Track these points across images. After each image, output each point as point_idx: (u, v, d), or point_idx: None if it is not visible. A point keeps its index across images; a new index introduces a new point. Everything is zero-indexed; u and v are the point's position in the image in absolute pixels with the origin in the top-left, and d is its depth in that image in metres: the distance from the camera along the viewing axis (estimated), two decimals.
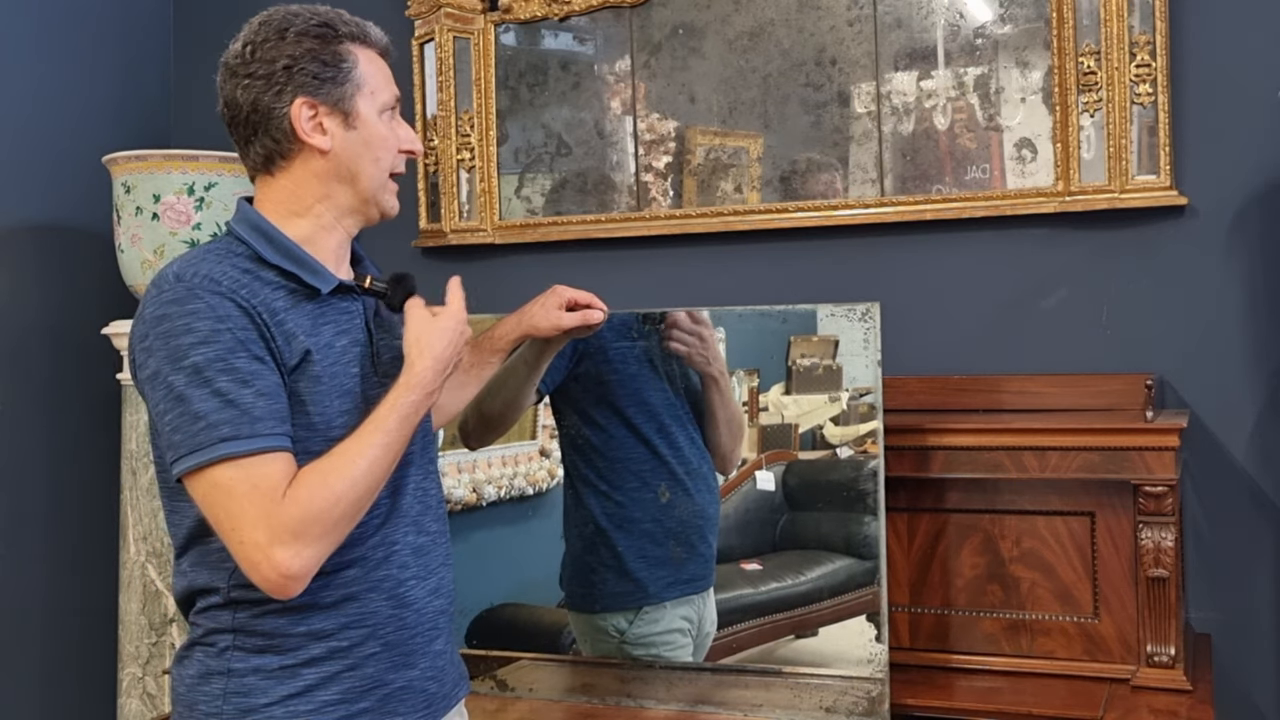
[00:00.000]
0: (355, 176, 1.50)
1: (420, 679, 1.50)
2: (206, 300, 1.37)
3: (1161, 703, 1.97)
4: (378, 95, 1.51)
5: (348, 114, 1.48)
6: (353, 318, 1.52)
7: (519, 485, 2.26)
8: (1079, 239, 2.41)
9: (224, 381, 1.34)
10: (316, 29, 1.48)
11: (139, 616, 2.71)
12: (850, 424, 2.06)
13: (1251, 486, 2.31)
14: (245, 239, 1.47)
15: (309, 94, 1.46)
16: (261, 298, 1.41)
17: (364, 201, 1.52)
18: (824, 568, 2.08)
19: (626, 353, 2.11)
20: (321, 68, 1.47)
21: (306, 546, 1.33)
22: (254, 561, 1.33)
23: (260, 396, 1.35)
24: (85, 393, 2.99)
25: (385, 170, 1.52)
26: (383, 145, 1.51)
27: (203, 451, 1.33)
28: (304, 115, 1.47)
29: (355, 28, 1.51)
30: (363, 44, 1.51)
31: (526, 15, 2.86)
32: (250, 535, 1.32)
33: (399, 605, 1.48)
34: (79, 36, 3.05)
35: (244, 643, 1.42)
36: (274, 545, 1.32)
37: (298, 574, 1.34)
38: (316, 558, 1.35)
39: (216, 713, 1.42)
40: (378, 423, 1.41)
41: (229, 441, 1.33)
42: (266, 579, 1.33)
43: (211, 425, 1.33)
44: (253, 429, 1.34)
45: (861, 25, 2.57)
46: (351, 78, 1.48)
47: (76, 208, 2.98)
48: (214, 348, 1.35)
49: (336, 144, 1.48)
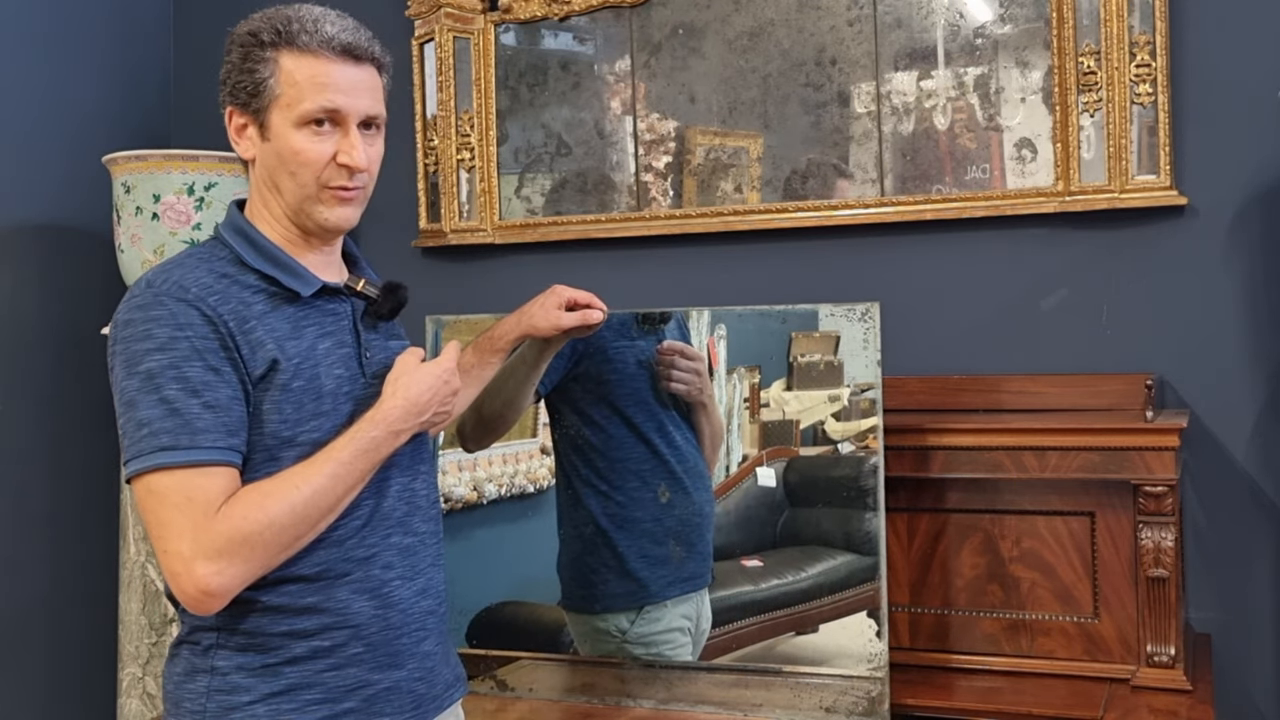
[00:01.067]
0: (278, 187, 1.49)
1: (408, 680, 1.50)
2: (170, 307, 1.38)
3: (1161, 703, 1.97)
4: (296, 106, 1.44)
5: (262, 125, 1.48)
6: (339, 319, 1.52)
7: (520, 483, 2.26)
8: (1079, 239, 2.41)
9: (173, 390, 1.35)
10: (244, 38, 1.48)
11: (139, 616, 2.71)
12: (852, 419, 2.06)
13: (1251, 486, 2.31)
14: (229, 242, 1.49)
15: (232, 103, 1.49)
16: (233, 304, 1.41)
17: (294, 211, 1.49)
18: (824, 564, 2.08)
19: (625, 352, 2.11)
20: (240, 77, 1.47)
21: (230, 565, 1.33)
22: (174, 572, 1.34)
23: (208, 409, 1.35)
24: (85, 393, 2.99)
25: (306, 184, 1.47)
26: (296, 159, 1.45)
27: (142, 458, 1.34)
28: (232, 124, 1.50)
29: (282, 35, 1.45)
30: (294, 49, 1.45)
31: (526, 15, 2.86)
32: (175, 546, 1.33)
33: (383, 605, 1.47)
34: (79, 37, 3.05)
35: (227, 641, 1.43)
36: (196, 559, 1.32)
37: (216, 591, 1.34)
38: (240, 578, 1.35)
39: (200, 710, 1.42)
40: (331, 452, 1.41)
41: (167, 451, 1.34)
42: (184, 592, 1.34)
43: (153, 433, 1.34)
44: (193, 440, 1.34)
45: (861, 25, 2.57)
46: (265, 89, 1.45)
47: (76, 208, 2.98)
48: (169, 355, 1.36)
49: (258, 154, 1.50)
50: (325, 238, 1.53)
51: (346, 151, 1.46)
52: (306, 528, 1.38)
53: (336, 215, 1.49)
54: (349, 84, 1.46)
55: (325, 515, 1.40)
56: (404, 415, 1.46)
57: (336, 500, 1.40)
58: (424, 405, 1.48)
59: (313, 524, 1.39)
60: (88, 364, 2.97)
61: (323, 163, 1.46)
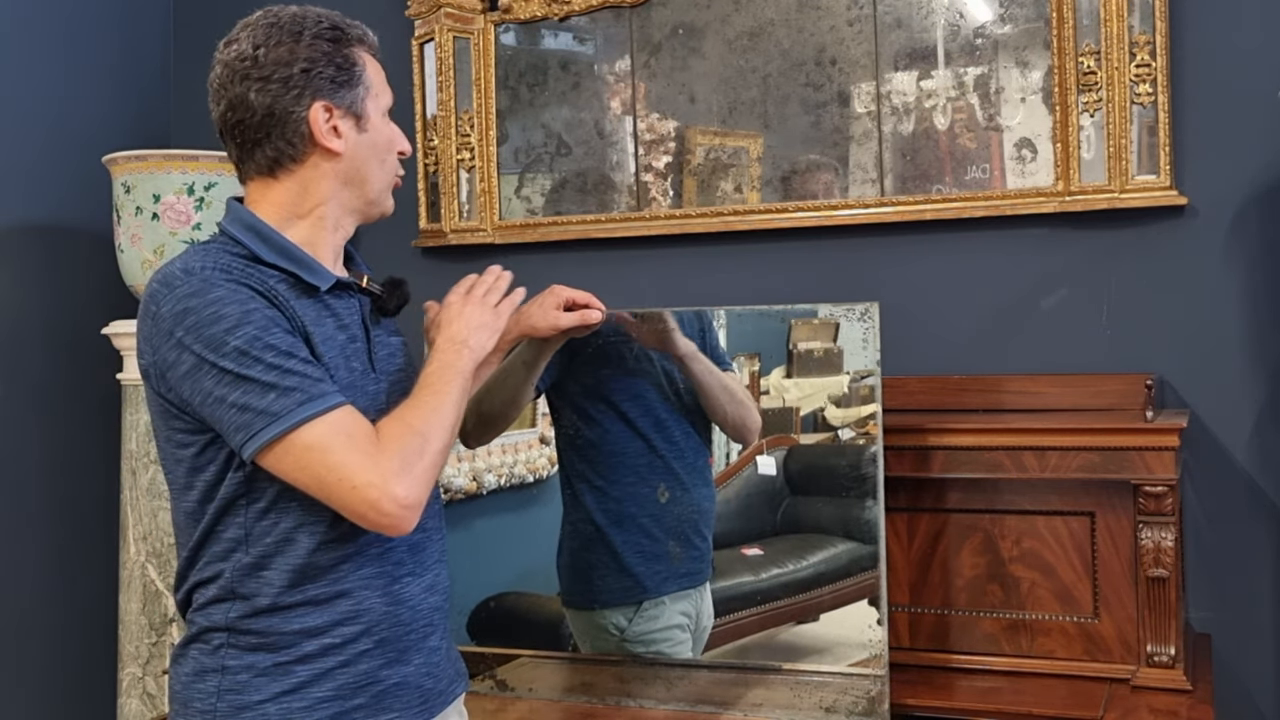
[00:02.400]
0: (364, 179, 1.53)
1: (415, 675, 1.50)
2: (225, 286, 1.39)
3: (1161, 703, 1.97)
4: (381, 98, 1.54)
5: (359, 117, 1.50)
6: (351, 314, 1.53)
7: (519, 473, 2.26)
8: (1079, 239, 2.41)
9: (272, 357, 1.36)
10: (329, 31, 1.49)
11: (139, 616, 2.71)
12: (851, 405, 2.05)
13: (1251, 486, 2.31)
14: (240, 239, 1.47)
15: (326, 97, 1.47)
16: (268, 286, 1.42)
17: (369, 203, 1.55)
18: (825, 553, 2.08)
19: (622, 348, 2.11)
20: (337, 71, 1.48)
21: (415, 479, 1.38)
22: (372, 501, 1.36)
23: (307, 364, 1.39)
24: (85, 393, 2.99)
25: (391, 172, 1.57)
26: (388, 147, 1.55)
27: (284, 418, 1.35)
28: (321, 119, 1.47)
29: (360, 31, 1.53)
30: (365, 47, 1.54)
31: (526, 15, 2.86)
32: (364, 478, 1.35)
33: (393, 602, 1.48)
34: (79, 36, 3.05)
35: (238, 640, 1.43)
36: (388, 482, 1.36)
37: (415, 503, 1.38)
38: (427, 484, 1.41)
39: (211, 710, 1.42)
40: (425, 383, 1.48)
41: (306, 404, 1.36)
42: (388, 514, 1.37)
43: (283, 393, 1.35)
44: (320, 389, 1.38)
45: (861, 25, 2.57)
46: (363, 81, 1.51)
47: (76, 208, 2.98)
48: (251, 327, 1.37)
49: (350, 147, 1.50)
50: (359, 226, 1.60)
51: (405, 143, 1.58)
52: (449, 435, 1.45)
53: (393, 202, 1.61)
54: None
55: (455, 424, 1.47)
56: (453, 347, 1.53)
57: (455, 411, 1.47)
58: (459, 334, 1.54)
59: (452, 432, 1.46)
60: (87, 364, 2.97)
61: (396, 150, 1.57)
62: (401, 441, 1.39)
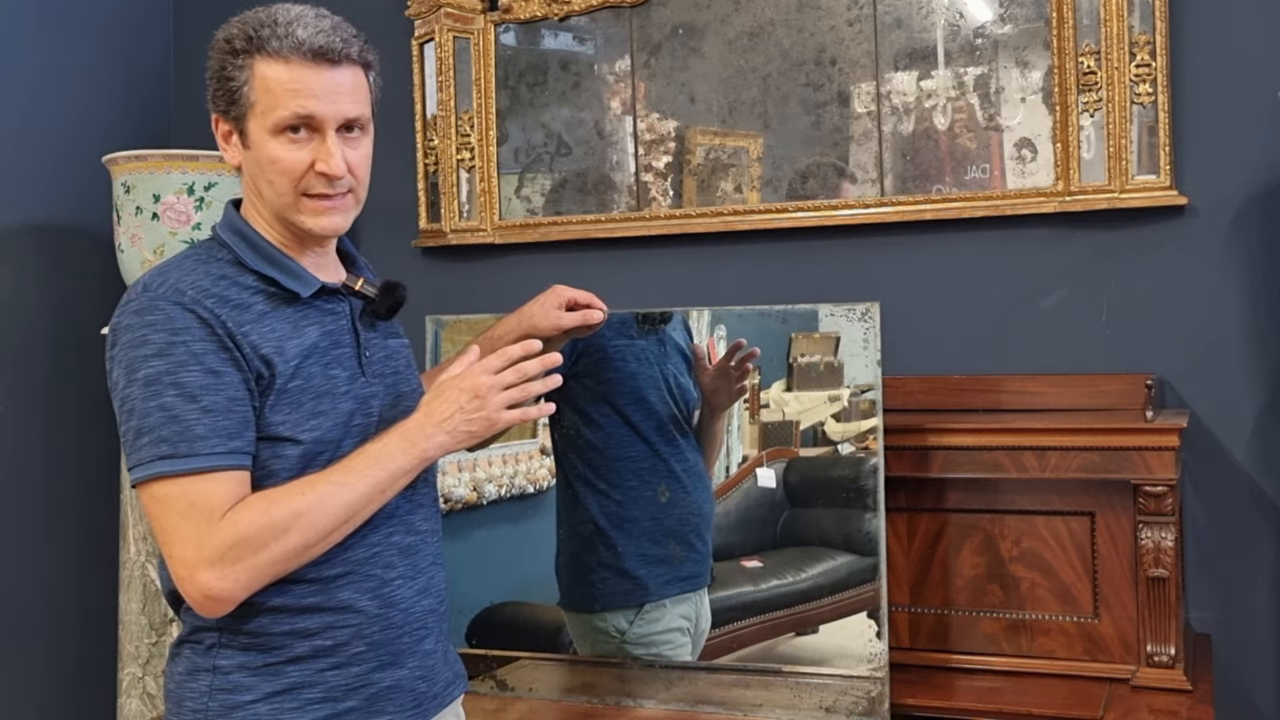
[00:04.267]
0: (261, 194, 1.49)
1: (409, 678, 1.50)
2: (166, 311, 1.38)
3: (1161, 703, 1.97)
4: (270, 114, 1.43)
5: (243, 133, 1.47)
6: (338, 319, 1.52)
7: (519, 484, 2.26)
8: (1079, 239, 2.41)
9: (170, 396, 1.35)
10: (220, 44, 1.47)
11: (139, 616, 2.71)
12: (852, 420, 2.06)
13: (1251, 486, 2.31)
14: (228, 243, 1.49)
15: (215, 110, 1.49)
16: (231, 306, 1.41)
17: (277, 217, 1.49)
18: (824, 565, 2.08)
19: (625, 351, 2.11)
20: (219, 85, 1.47)
21: (231, 569, 1.33)
22: (180, 578, 1.35)
23: (206, 413, 1.35)
24: (85, 393, 2.99)
25: (284, 193, 1.45)
26: (273, 168, 1.44)
27: (144, 466, 1.35)
28: (219, 130, 1.50)
29: (253, 41, 1.43)
30: (266, 55, 1.43)
31: (526, 15, 2.86)
32: (179, 553, 1.34)
33: (385, 605, 1.47)
34: (79, 36, 3.05)
35: (230, 640, 1.43)
36: (199, 566, 1.33)
37: (219, 596, 1.34)
38: (243, 582, 1.35)
39: (203, 709, 1.42)
40: (345, 461, 1.41)
41: (167, 460, 1.34)
42: (191, 597, 1.36)
43: (153, 441, 1.35)
44: (192, 447, 1.34)
45: (861, 25, 2.57)
46: (240, 97, 1.44)
47: (76, 208, 2.98)
48: (166, 360, 1.36)
49: (242, 161, 1.50)
50: (319, 240, 1.52)
51: (323, 159, 1.44)
52: (315, 535, 1.37)
53: (319, 223, 1.48)
54: (324, 89, 1.43)
55: (336, 523, 1.39)
56: (419, 426, 1.45)
57: (347, 507, 1.39)
58: (443, 415, 1.45)
59: (322, 532, 1.38)
60: (88, 364, 2.97)
61: (299, 171, 1.44)
62: (243, 530, 1.33)
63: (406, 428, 1.45)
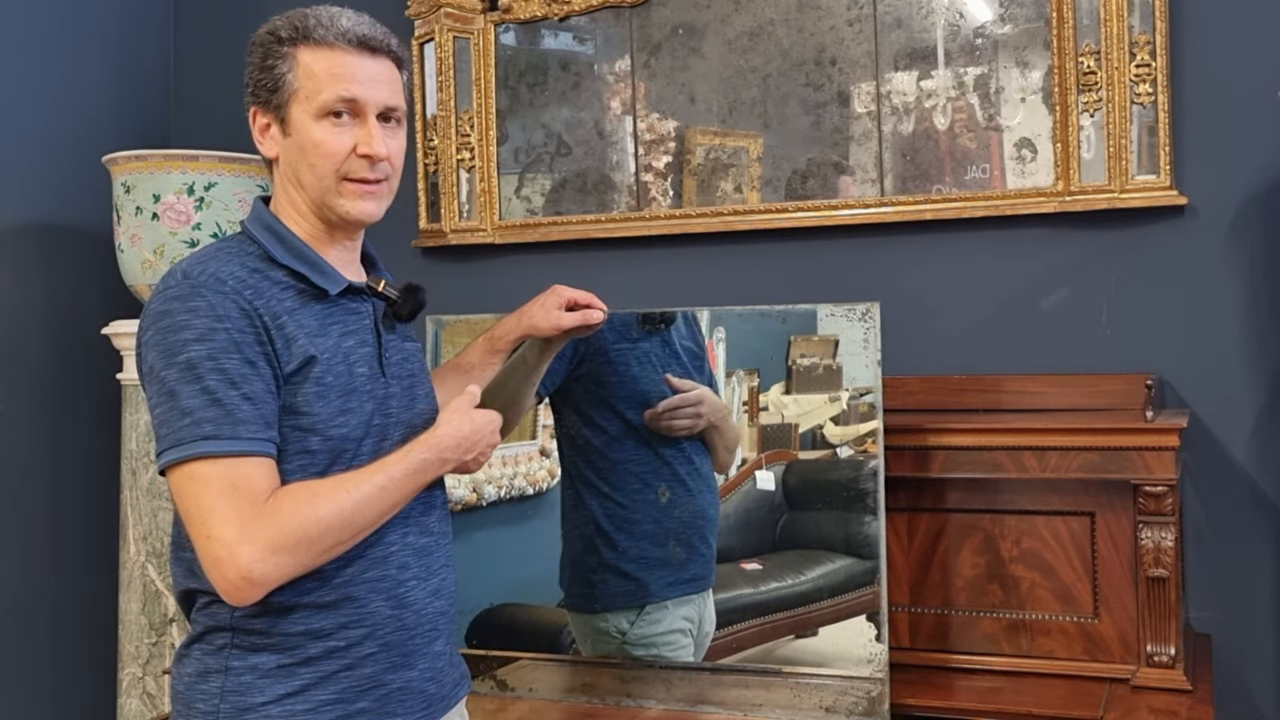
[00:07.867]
0: (300, 182, 1.51)
1: (419, 680, 1.50)
2: (208, 298, 1.39)
3: (1161, 703, 1.97)
4: (315, 98, 1.47)
5: (283, 121, 1.50)
6: (361, 319, 1.53)
7: (519, 485, 2.26)
8: (1079, 239, 2.41)
9: (213, 380, 1.35)
10: (263, 38, 1.51)
11: (139, 616, 2.71)
12: (850, 424, 2.06)
13: (1251, 486, 2.31)
14: (258, 238, 1.50)
15: (255, 103, 1.52)
16: (266, 299, 1.42)
17: (317, 205, 1.51)
18: (824, 567, 2.08)
19: (626, 353, 2.11)
20: (261, 76, 1.50)
21: (275, 556, 1.33)
22: (216, 558, 1.33)
23: (245, 400, 1.36)
24: (85, 393, 2.99)
25: (325, 176, 1.48)
26: (316, 151, 1.48)
27: (184, 446, 1.34)
28: (256, 124, 1.52)
29: (299, 30, 1.48)
30: (311, 44, 1.48)
31: (526, 15, 2.86)
32: (219, 531, 1.33)
33: (398, 606, 1.48)
34: (79, 36, 3.05)
35: (241, 641, 1.42)
36: (242, 545, 1.32)
37: (258, 579, 1.33)
38: (283, 570, 1.35)
39: (213, 711, 1.42)
40: (384, 466, 1.43)
41: (211, 440, 1.34)
42: (225, 578, 1.33)
43: (196, 422, 1.34)
44: (235, 430, 1.35)
45: (861, 25, 2.57)
46: (284, 84, 1.48)
47: (76, 208, 2.98)
48: (208, 346, 1.36)
49: (281, 151, 1.52)
50: (350, 231, 1.54)
51: (365, 141, 1.48)
52: (349, 534, 1.39)
53: (357, 207, 1.51)
54: (366, 75, 1.49)
55: (367, 525, 1.41)
56: (454, 445, 1.48)
57: (379, 514, 1.42)
58: (471, 443, 1.50)
59: (356, 531, 1.40)
60: (88, 364, 2.97)
61: (343, 154, 1.48)
62: (289, 515, 1.34)
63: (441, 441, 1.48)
